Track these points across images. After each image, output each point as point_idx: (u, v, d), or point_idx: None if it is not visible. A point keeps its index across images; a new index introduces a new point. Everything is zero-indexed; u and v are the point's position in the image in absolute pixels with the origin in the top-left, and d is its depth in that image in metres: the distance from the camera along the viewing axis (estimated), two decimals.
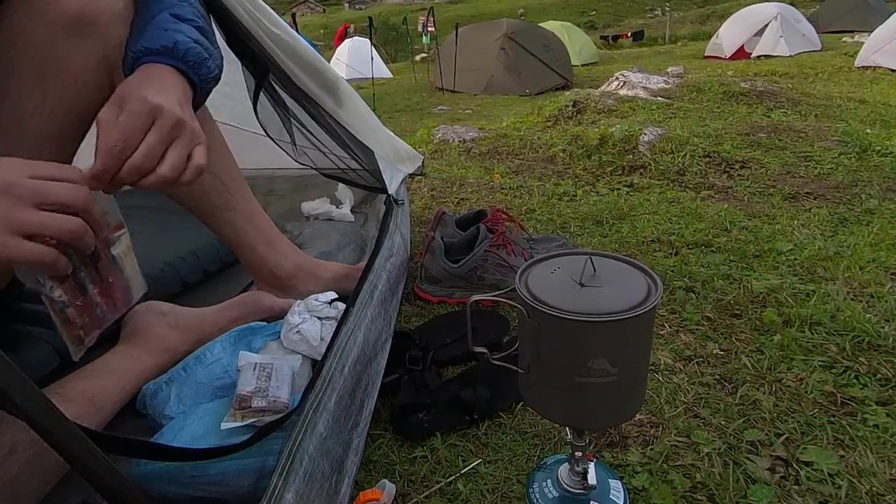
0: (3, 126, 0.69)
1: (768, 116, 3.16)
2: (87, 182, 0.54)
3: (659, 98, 3.52)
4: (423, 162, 1.61)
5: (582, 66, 12.48)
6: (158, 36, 0.68)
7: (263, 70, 1.01)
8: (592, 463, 0.69)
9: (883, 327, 1.06)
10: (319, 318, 0.86)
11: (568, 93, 3.90)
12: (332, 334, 0.78)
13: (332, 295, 0.92)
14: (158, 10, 0.71)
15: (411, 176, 1.56)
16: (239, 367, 0.75)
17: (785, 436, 0.83)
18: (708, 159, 2.25)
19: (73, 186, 0.51)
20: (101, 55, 0.73)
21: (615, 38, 24.38)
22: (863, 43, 6.93)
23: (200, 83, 0.71)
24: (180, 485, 0.64)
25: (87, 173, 0.56)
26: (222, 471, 0.63)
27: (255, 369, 0.73)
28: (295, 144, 1.20)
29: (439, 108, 7.55)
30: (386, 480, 0.74)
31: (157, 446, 0.62)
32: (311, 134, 1.19)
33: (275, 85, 1.06)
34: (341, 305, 0.89)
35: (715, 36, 11.86)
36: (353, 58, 12.06)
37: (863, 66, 6.26)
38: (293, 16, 12.47)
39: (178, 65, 0.68)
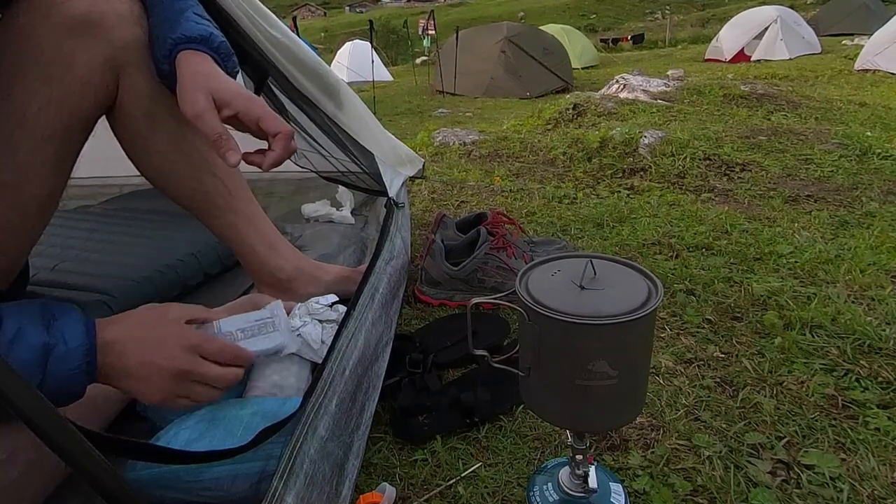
0: (9, 125, 0.70)
1: (768, 119, 3.16)
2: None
3: (659, 101, 3.53)
4: (423, 165, 1.61)
5: (582, 69, 12.52)
6: (193, 27, 0.73)
7: (262, 74, 1.01)
8: (593, 466, 0.69)
9: (884, 330, 1.06)
10: (320, 321, 0.86)
11: (568, 96, 3.91)
12: (332, 337, 0.78)
13: (333, 298, 0.92)
14: (184, 6, 0.75)
15: (412, 179, 1.56)
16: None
17: (786, 439, 0.83)
18: (708, 162, 2.25)
19: (226, 371, 0.68)
20: (106, 56, 0.73)
21: (615, 41, 24.43)
22: (863, 46, 6.96)
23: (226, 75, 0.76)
24: (175, 490, 0.63)
25: (268, 161, 0.73)
26: (216, 476, 0.63)
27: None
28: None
29: (440, 110, 7.57)
30: (386, 483, 0.74)
31: (158, 448, 0.62)
32: (312, 137, 1.20)
33: (274, 88, 1.06)
34: (342, 308, 0.88)
35: (715, 39, 11.90)
36: (354, 61, 12.10)
37: (863, 69, 6.28)
38: (294, 19, 12.49)
39: (214, 55, 0.74)
